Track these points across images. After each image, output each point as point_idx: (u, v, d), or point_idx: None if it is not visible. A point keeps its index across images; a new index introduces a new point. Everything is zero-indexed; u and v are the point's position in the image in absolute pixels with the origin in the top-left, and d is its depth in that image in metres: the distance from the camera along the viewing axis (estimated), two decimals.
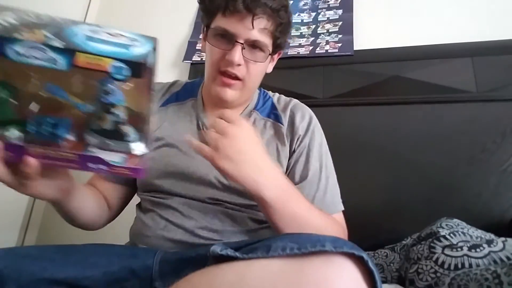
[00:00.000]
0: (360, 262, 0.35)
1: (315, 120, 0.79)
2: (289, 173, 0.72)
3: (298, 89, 1.19)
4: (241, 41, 0.67)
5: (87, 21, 1.54)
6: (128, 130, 0.41)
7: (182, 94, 0.82)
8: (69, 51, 0.36)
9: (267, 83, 0.84)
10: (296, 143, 0.74)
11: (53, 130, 0.40)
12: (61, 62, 0.36)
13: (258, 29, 0.67)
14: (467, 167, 1.02)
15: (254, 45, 0.69)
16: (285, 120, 0.77)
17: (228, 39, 0.68)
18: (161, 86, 0.84)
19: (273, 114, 0.78)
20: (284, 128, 0.75)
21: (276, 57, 0.80)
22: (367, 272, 0.35)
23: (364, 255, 0.35)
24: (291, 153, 0.74)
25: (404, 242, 0.89)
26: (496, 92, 1.05)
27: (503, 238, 0.69)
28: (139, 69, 0.38)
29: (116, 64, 0.37)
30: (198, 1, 0.74)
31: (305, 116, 0.77)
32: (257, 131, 0.69)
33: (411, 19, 1.26)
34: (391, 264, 0.85)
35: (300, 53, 1.30)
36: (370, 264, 0.35)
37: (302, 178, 0.70)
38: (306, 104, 0.82)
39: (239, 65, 0.68)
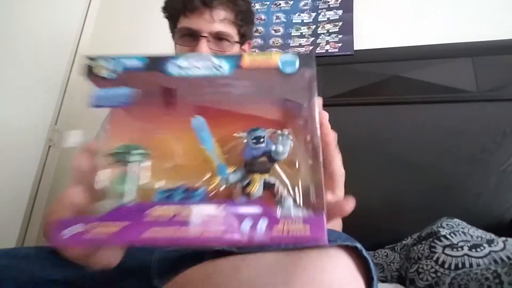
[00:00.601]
0: (354, 252, 0.36)
1: None
2: None
3: None
4: (205, 35, 0.71)
5: (87, 21, 1.54)
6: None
7: None
8: (235, 56, 0.33)
9: None
10: None
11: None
12: (225, 67, 0.33)
13: (218, 21, 0.72)
14: (467, 167, 1.02)
15: (218, 36, 0.73)
16: None
17: (193, 36, 0.72)
18: None
19: None
20: None
21: (247, 48, 0.84)
22: (362, 261, 0.36)
23: (358, 245, 0.36)
24: None
25: (404, 241, 0.89)
26: (496, 92, 1.05)
27: (503, 238, 0.69)
28: (310, 60, 0.34)
29: (285, 57, 0.33)
30: (162, 11, 0.79)
31: None
32: None
33: (411, 19, 1.26)
34: (391, 264, 0.85)
35: (300, 53, 1.30)
36: (364, 253, 0.36)
37: None
38: None
39: None
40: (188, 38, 0.74)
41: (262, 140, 0.33)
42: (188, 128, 0.33)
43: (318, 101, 0.35)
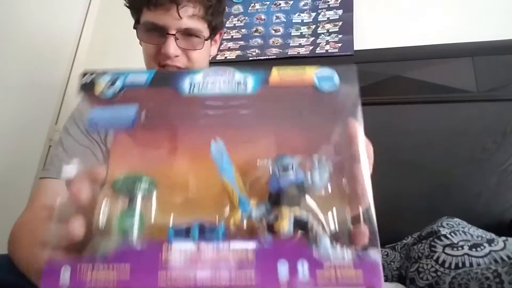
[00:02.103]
0: None
1: None
2: None
3: None
4: (173, 32, 0.65)
5: (87, 21, 1.54)
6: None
7: None
8: (262, 71, 0.28)
9: None
10: None
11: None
12: (249, 84, 0.28)
13: (186, 17, 0.65)
14: (467, 167, 1.02)
15: (187, 33, 0.67)
16: None
17: (159, 32, 0.66)
18: None
19: None
20: None
21: (218, 38, 0.77)
22: None
23: None
24: None
25: (404, 241, 0.89)
26: (496, 92, 1.05)
27: (503, 238, 0.69)
28: (351, 74, 0.28)
29: (322, 72, 0.28)
30: None
31: None
32: None
33: (411, 19, 1.26)
34: (392, 263, 0.85)
35: (300, 53, 1.30)
36: None
37: None
38: None
39: (176, 56, 0.66)
40: (153, 34, 0.67)
41: (290, 168, 0.28)
42: (201, 154, 0.28)
43: (360, 126, 0.28)
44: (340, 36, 1.29)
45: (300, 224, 0.26)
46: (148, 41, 0.68)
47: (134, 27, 0.72)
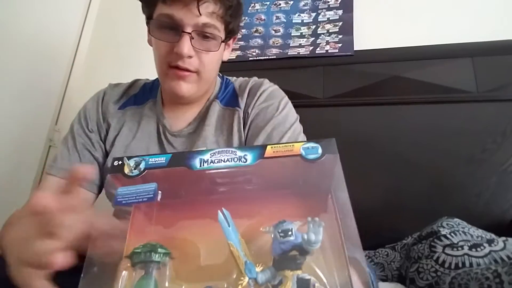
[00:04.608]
0: None
1: (273, 90, 0.74)
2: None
3: (298, 89, 1.19)
4: (189, 31, 0.60)
5: (87, 21, 1.54)
6: None
7: (141, 96, 0.77)
8: (260, 147, 0.34)
9: None
10: (249, 118, 0.69)
11: None
12: (249, 158, 0.34)
13: (206, 14, 0.60)
14: (467, 167, 1.02)
15: (204, 33, 0.62)
16: (243, 102, 0.72)
17: (174, 29, 0.61)
18: (118, 88, 0.79)
19: (233, 101, 0.73)
20: (241, 111, 0.71)
21: (231, 42, 0.74)
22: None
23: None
24: (245, 130, 0.69)
25: (404, 241, 0.89)
26: (496, 92, 1.05)
27: (503, 238, 0.69)
28: (331, 147, 0.34)
29: (307, 145, 0.34)
30: None
31: (259, 91, 0.72)
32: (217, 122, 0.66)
33: (411, 19, 1.26)
34: (392, 263, 0.85)
35: (300, 53, 1.30)
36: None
37: None
38: (306, 104, 0.81)
39: (190, 57, 0.62)
40: (167, 31, 0.62)
41: (290, 233, 0.30)
42: (209, 226, 0.32)
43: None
44: (340, 36, 1.29)
45: (303, 284, 0.28)
46: (161, 38, 0.63)
47: (147, 23, 0.68)
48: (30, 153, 1.27)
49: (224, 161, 0.33)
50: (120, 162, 0.35)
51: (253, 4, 1.44)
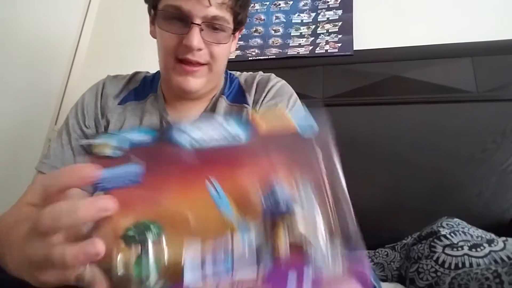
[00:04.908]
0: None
1: (281, 86, 0.72)
2: None
3: (298, 89, 1.18)
4: (198, 22, 0.58)
5: (86, 21, 1.54)
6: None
7: (141, 90, 0.73)
8: (248, 123, 0.32)
9: None
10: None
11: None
12: (242, 136, 0.31)
13: (215, 5, 0.58)
14: (467, 167, 1.02)
15: (213, 25, 0.60)
16: (251, 99, 0.70)
17: (182, 21, 0.58)
18: (118, 80, 0.75)
19: (240, 97, 0.71)
20: (249, 108, 0.69)
21: (237, 34, 0.70)
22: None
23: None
24: None
25: (404, 241, 0.89)
26: (496, 92, 1.05)
27: (503, 238, 0.69)
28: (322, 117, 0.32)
29: (301, 121, 0.32)
30: None
31: (267, 87, 0.70)
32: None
33: (411, 19, 1.26)
34: (392, 263, 0.85)
35: (300, 53, 1.30)
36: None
37: None
38: (306, 104, 0.81)
39: (199, 49, 0.59)
40: (175, 23, 0.59)
41: (282, 202, 0.30)
42: (195, 191, 0.30)
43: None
44: (339, 36, 1.29)
45: (294, 240, 0.29)
46: (168, 29, 0.59)
47: (149, 13, 0.65)
48: (29, 153, 1.27)
49: (217, 140, 0.31)
50: (97, 141, 0.31)
51: (252, 4, 1.44)
